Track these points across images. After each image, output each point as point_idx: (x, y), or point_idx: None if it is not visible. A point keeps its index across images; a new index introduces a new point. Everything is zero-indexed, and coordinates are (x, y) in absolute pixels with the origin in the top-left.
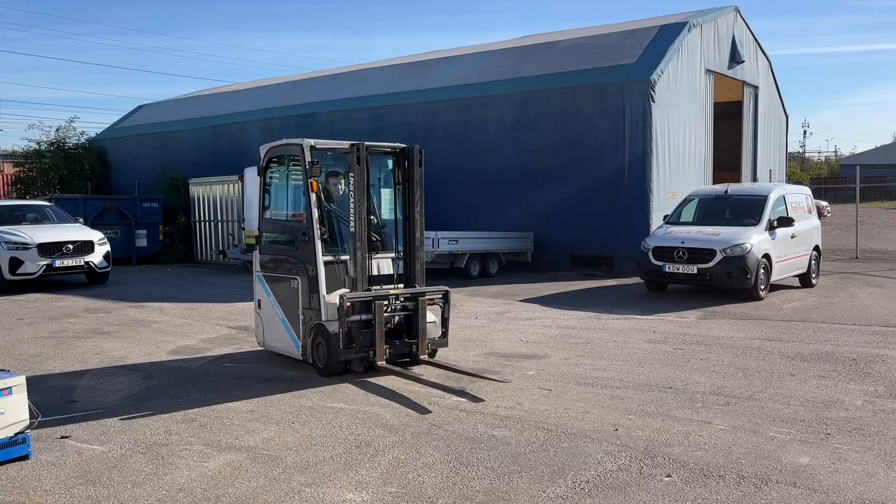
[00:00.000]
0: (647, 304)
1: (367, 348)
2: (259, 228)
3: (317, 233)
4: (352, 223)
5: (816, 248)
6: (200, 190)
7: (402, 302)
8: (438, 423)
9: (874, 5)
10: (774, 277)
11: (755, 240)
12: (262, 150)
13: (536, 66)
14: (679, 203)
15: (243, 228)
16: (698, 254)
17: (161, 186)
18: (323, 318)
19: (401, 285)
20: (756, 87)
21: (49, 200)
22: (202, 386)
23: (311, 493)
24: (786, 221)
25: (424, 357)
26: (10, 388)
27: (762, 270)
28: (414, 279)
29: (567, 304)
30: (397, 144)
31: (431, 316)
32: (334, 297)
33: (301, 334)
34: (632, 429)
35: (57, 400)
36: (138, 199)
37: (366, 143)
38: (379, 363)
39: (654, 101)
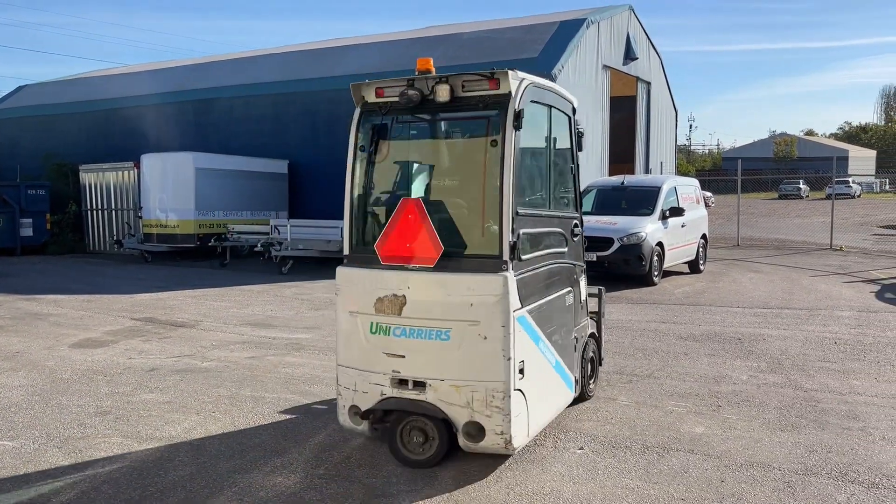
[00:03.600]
0: None
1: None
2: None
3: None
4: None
5: (704, 236)
6: (92, 177)
7: None
8: None
9: (749, 7)
10: (667, 264)
11: (649, 229)
12: (516, 86)
13: (442, 58)
14: None
15: (140, 217)
16: (598, 242)
17: (47, 173)
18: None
19: None
20: (649, 83)
21: None
22: (112, 378)
23: (241, 479)
24: (677, 211)
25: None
26: None
27: (656, 258)
28: None
29: None
30: None
31: None
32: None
33: (575, 364)
34: None
35: None
36: (23, 186)
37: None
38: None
39: None
